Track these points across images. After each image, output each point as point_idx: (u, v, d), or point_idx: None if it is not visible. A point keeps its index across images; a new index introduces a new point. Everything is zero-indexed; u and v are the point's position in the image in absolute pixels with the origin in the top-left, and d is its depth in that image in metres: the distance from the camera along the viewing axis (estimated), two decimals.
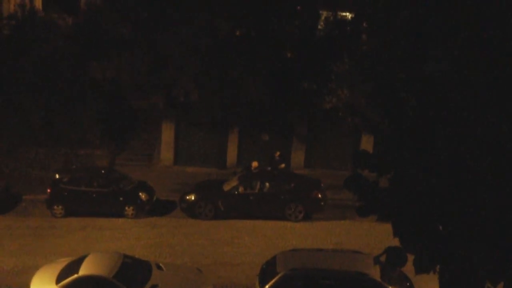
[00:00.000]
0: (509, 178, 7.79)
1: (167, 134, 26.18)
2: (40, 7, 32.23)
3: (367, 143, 24.09)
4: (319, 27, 24.68)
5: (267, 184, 21.27)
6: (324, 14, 25.28)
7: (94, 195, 21.32)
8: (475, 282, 9.00)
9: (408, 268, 9.20)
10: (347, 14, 24.98)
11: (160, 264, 16.15)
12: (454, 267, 8.94)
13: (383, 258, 8.98)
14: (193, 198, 21.34)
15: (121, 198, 21.28)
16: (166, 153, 26.36)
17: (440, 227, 8.69)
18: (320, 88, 23.49)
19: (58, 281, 15.08)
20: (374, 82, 9.14)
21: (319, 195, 21.18)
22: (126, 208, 21.25)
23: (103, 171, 22.61)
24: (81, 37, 24.26)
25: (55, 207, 21.33)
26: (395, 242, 8.98)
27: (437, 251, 8.64)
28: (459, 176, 8.08)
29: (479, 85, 7.73)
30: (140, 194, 21.51)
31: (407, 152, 8.54)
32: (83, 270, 15.02)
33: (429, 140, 8.26)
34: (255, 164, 22.75)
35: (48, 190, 21.48)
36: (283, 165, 23.27)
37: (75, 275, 14.95)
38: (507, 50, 7.53)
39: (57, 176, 22.11)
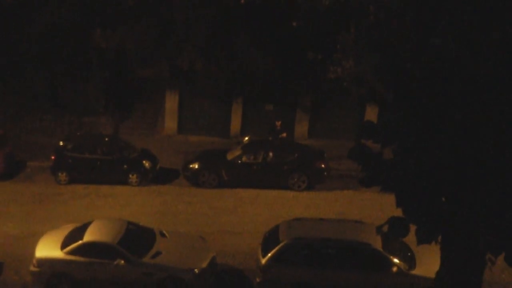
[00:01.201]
0: None
1: (171, 103, 26.12)
2: None
3: (371, 114, 24.01)
4: None
5: (270, 153, 21.31)
6: None
7: (98, 163, 21.39)
8: (477, 252, 9.09)
9: (410, 239, 9.28)
10: None
11: (164, 232, 16.29)
12: (455, 238, 9.02)
13: (385, 228, 9.05)
14: (196, 166, 21.41)
15: (125, 166, 21.36)
16: (170, 122, 26.34)
17: (443, 198, 8.75)
18: (325, 58, 23.32)
19: (63, 247, 15.26)
20: (380, 52, 9.09)
21: (323, 165, 21.23)
22: (130, 175, 21.35)
23: (107, 139, 22.65)
24: (85, 5, 24.04)
25: (59, 174, 21.44)
26: (398, 213, 9.04)
27: (439, 222, 8.71)
28: (463, 147, 8.09)
29: (486, 58, 7.69)
30: (144, 162, 21.58)
31: (412, 123, 8.54)
32: (88, 236, 15.19)
33: (434, 111, 8.25)
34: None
35: (52, 157, 21.56)
36: (284, 135, 23.27)
37: (80, 241, 15.12)
38: None
39: (61, 143, 22.16)
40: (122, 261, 14.78)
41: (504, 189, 8.02)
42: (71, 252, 15.05)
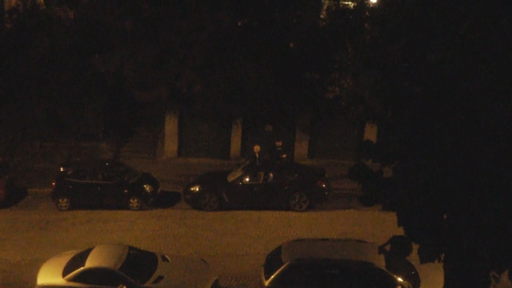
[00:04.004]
0: None
1: (171, 126, 26.20)
2: (42, 0, 32.16)
3: (370, 133, 24.06)
4: (322, 16, 24.61)
5: (271, 174, 21.29)
6: (326, 3, 25.21)
7: (99, 188, 21.37)
8: (480, 270, 9.02)
9: (413, 257, 9.23)
10: (350, 3, 24.88)
11: (166, 256, 16.22)
12: (459, 255, 8.95)
13: (388, 247, 8.99)
14: (197, 189, 21.38)
15: (125, 190, 21.33)
16: (170, 145, 26.38)
17: (445, 216, 8.70)
18: (323, 78, 23.44)
19: (64, 273, 15.17)
20: (377, 71, 9.12)
21: (323, 185, 21.20)
22: (131, 200, 21.31)
23: (107, 164, 22.66)
24: (83, 30, 24.23)
25: (60, 200, 21.41)
26: (400, 231, 9.00)
27: (442, 240, 8.65)
28: (464, 165, 8.08)
29: (483, 74, 7.71)
30: (145, 186, 21.56)
31: (411, 142, 8.53)
32: (89, 263, 15.10)
33: (433, 129, 8.25)
34: (257, 148, 22.73)
35: (53, 183, 21.55)
36: (284, 155, 23.27)
37: (81, 268, 15.04)
38: (510, 38, 7.51)
39: (61, 169, 22.16)
40: (124, 287, 14.68)
41: (507, 205, 7.98)
42: (72, 279, 14.95)
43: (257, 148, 22.73)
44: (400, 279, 14.26)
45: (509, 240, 8.02)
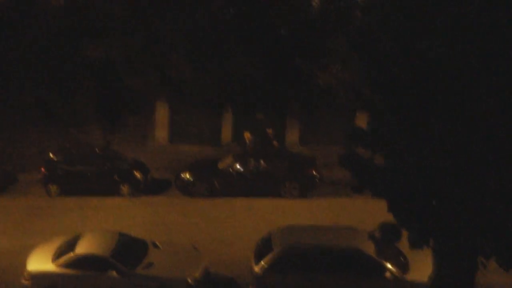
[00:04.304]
0: (501, 151, 7.83)
1: (161, 112, 26.09)
2: None
3: (361, 120, 24.06)
4: (313, 3, 24.47)
5: (262, 162, 21.29)
6: None
7: (89, 174, 21.30)
8: (468, 256, 9.10)
9: (403, 244, 9.29)
10: None
11: (156, 242, 16.22)
12: (447, 242, 9.03)
13: (377, 234, 9.06)
14: (188, 176, 21.36)
15: (116, 177, 21.27)
16: (161, 132, 26.29)
17: (434, 203, 8.76)
18: (314, 65, 23.38)
19: (54, 259, 15.17)
20: (368, 58, 9.12)
21: (314, 172, 21.24)
22: (121, 187, 21.26)
23: (97, 150, 22.57)
24: (73, 14, 23.98)
25: (50, 186, 21.34)
26: (390, 218, 9.05)
27: (431, 226, 8.72)
28: (453, 151, 8.12)
29: (471, 61, 7.73)
30: (135, 172, 21.51)
31: (400, 128, 8.56)
32: (79, 249, 15.09)
33: (422, 115, 8.28)
34: (247, 135, 22.71)
35: (43, 170, 21.45)
36: (275, 142, 23.26)
37: (71, 254, 15.03)
38: (498, 27, 7.52)
39: (51, 155, 22.06)
40: (114, 273, 14.69)
41: (495, 192, 8.04)
42: (62, 265, 14.95)
43: (247, 135, 22.72)
44: (389, 265, 14.35)
45: (497, 226, 8.09)
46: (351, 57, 21.20)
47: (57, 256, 15.23)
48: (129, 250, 15.39)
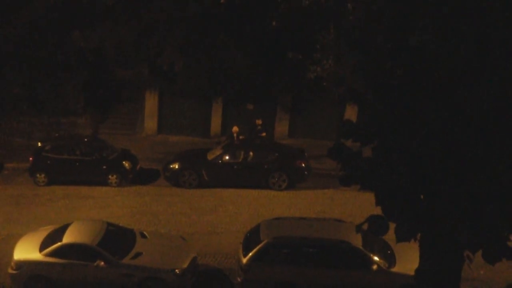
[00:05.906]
0: (492, 146, 7.89)
1: (151, 103, 26.04)
2: None
3: (351, 113, 24.16)
4: None
5: (251, 153, 21.31)
6: None
7: (77, 164, 21.22)
8: (455, 250, 9.18)
9: (390, 236, 9.35)
10: None
11: (144, 232, 16.22)
12: (434, 235, 9.10)
13: (365, 227, 9.10)
14: (177, 166, 21.34)
15: (104, 167, 21.22)
16: (150, 122, 26.26)
17: (422, 196, 8.82)
18: (305, 58, 23.39)
19: (41, 249, 15.10)
20: (360, 52, 9.13)
21: (303, 164, 21.29)
22: (110, 176, 21.20)
23: (86, 140, 22.47)
24: (63, 4, 23.79)
25: (38, 175, 21.23)
26: (377, 211, 9.10)
27: (418, 219, 8.78)
28: (444, 146, 8.17)
29: (464, 56, 7.77)
30: (124, 162, 21.45)
31: (392, 122, 8.60)
32: (67, 238, 15.05)
33: (415, 110, 8.32)
34: (235, 129, 22.73)
35: (31, 158, 21.34)
36: (264, 134, 23.29)
37: (59, 243, 14.98)
38: (492, 20, 7.56)
39: (39, 144, 21.94)
40: (102, 263, 14.68)
41: (482, 186, 8.11)
42: (50, 254, 14.90)
43: (235, 129, 22.73)
44: (376, 258, 14.46)
45: (483, 220, 8.16)
46: (343, 51, 21.24)
47: (44, 245, 15.18)
48: (117, 239, 15.37)
